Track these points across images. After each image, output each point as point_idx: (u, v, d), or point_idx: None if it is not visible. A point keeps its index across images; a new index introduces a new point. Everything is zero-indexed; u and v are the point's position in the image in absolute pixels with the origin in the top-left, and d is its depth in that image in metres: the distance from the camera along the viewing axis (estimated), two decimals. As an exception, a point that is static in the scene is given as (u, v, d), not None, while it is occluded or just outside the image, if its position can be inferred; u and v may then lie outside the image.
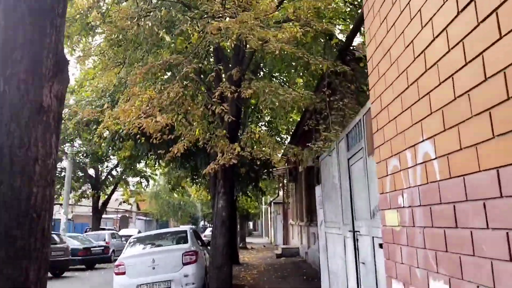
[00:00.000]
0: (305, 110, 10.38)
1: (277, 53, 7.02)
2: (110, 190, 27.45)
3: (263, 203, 36.36)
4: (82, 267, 17.02)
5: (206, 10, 7.32)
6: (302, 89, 9.37)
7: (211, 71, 8.32)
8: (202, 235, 14.59)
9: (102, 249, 18.21)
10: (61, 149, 21.78)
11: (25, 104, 2.30)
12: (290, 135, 16.48)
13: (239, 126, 10.12)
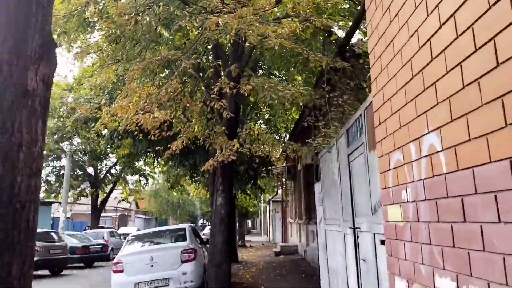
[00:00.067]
0: (304, 107, 10.33)
1: (276, 48, 6.96)
2: (109, 189, 27.45)
3: (262, 201, 36.37)
4: (80, 265, 17.00)
5: (204, 6, 7.26)
6: (302, 85, 9.30)
7: (210, 68, 8.25)
8: (201, 234, 14.53)
9: (101, 247, 18.19)
10: (59, 147, 21.73)
11: (7, 87, 2.19)
12: (288, 133, 16.42)
13: (238, 123, 10.06)
